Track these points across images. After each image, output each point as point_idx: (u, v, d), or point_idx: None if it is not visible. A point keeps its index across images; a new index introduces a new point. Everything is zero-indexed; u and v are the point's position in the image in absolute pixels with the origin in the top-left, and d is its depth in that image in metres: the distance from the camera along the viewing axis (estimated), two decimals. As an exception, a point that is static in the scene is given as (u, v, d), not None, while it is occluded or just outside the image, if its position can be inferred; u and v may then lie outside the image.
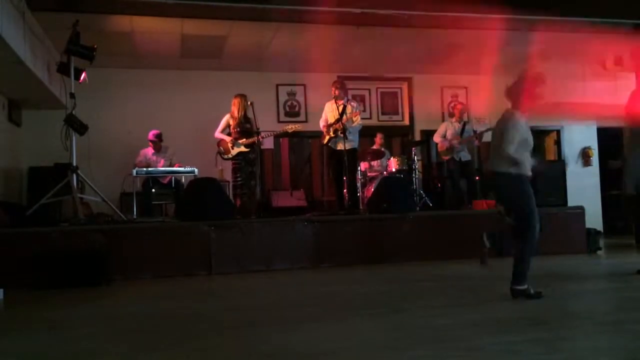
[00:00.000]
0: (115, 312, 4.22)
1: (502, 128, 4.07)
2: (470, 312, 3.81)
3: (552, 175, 8.18)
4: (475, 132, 8.77)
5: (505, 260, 6.19)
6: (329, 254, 6.53)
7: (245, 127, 7.42)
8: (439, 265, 6.10)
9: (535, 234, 3.94)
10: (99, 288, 5.29)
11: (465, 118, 8.91)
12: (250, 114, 7.41)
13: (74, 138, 6.48)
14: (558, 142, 11.12)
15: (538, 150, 11.43)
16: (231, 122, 7.43)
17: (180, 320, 3.75)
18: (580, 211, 7.54)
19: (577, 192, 9.74)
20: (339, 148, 7.45)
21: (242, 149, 7.39)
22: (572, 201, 8.18)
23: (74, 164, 6.47)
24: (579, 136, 11.10)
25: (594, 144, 11.13)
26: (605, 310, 3.90)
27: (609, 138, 11.35)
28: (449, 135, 8.57)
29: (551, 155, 11.20)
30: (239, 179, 7.47)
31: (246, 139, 7.37)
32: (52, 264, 5.37)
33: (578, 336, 3.02)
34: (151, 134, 8.07)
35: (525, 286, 3.94)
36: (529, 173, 3.97)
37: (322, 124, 7.72)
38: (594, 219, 9.42)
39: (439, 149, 8.82)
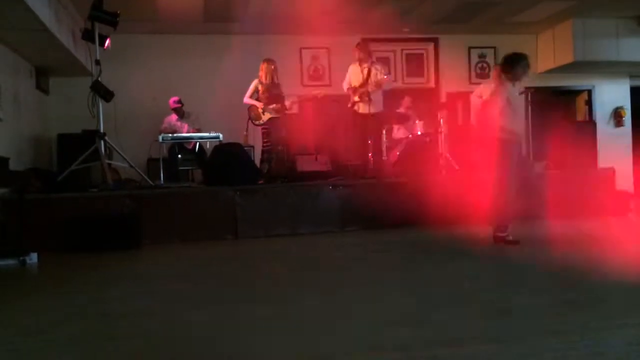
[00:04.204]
0: (144, 274, 4.33)
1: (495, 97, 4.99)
2: (501, 274, 3.80)
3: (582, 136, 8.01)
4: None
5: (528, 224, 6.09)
6: (354, 218, 6.53)
7: (273, 93, 7.37)
8: (466, 228, 6.05)
9: (511, 193, 4.80)
10: (129, 251, 5.40)
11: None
12: (276, 79, 7.37)
13: (100, 105, 6.54)
14: (589, 102, 10.80)
15: (568, 110, 11.17)
16: (260, 88, 7.39)
17: (205, 283, 3.82)
18: (610, 173, 7.38)
19: (608, 153, 9.52)
20: (363, 112, 7.36)
21: (273, 114, 7.37)
22: (602, 162, 8.00)
23: (101, 131, 6.54)
24: (611, 96, 10.75)
25: (626, 103, 10.78)
26: (636, 272, 3.83)
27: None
28: (484, 96, 8.38)
29: (582, 116, 10.91)
30: (268, 144, 7.47)
31: (275, 104, 7.34)
32: (83, 228, 5.51)
33: (612, 298, 2.98)
34: (172, 101, 8.10)
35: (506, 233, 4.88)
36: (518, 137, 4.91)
37: (345, 86, 7.60)
38: (625, 180, 9.22)
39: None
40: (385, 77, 7.26)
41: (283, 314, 2.83)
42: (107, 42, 6.65)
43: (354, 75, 7.49)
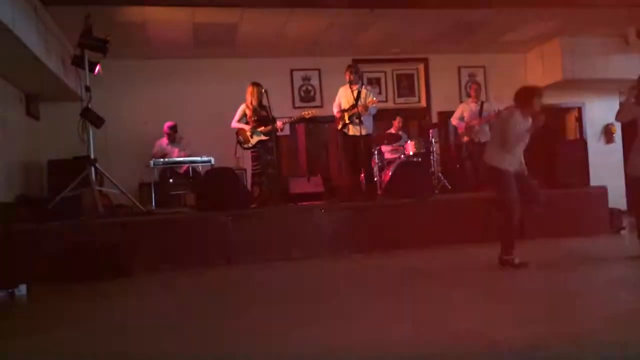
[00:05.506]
0: (135, 306, 4.27)
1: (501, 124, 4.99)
2: (488, 302, 3.78)
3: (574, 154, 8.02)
4: (495, 111, 8.64)
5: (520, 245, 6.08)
6: (348, 241, 6.49)
7: (261, 115, 7.37)
8: (459, 249, 6.04)
9: (514, 218, 4.80)
10: (120, 281, 5.34)
11: (482, 98, 8.77)
12: (265, 102, 7.37)
13: (90, 131, 6.51)
14: (579, 120, 10.87)
15: (559, 128, 11.23)
16: (247, 112, 7.38)
17: (198, 315, 3.77)
18: (603, 191, 7.40)
19: (599, 170, 9.53)
20: (353, 134, 7.36)
21: (262, 137, 7.35)
22: (594, 180, 8.00)
23: (92, 157, 6.51)
24: (601, 113, 10.82)
25: (616, 120, 10.85)
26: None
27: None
28: (466, 116, 8.44)
29: (572, 133, 10.97)
30: (258, 167, 7.44)
31: (264, 126, 7.33)
32: (74, 258, 5.44)
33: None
34: (166, 126, 8.13)
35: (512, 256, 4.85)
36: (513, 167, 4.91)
37: (335, 109, 7.61)
38: (618, 197, 9.22)
39: (459, 131, 8.71)
40: (374, 98, 7.29)
41: (268, 349, 2.79)
42: (97, 68, 6.64)
43: (344, 97, 7.50)
